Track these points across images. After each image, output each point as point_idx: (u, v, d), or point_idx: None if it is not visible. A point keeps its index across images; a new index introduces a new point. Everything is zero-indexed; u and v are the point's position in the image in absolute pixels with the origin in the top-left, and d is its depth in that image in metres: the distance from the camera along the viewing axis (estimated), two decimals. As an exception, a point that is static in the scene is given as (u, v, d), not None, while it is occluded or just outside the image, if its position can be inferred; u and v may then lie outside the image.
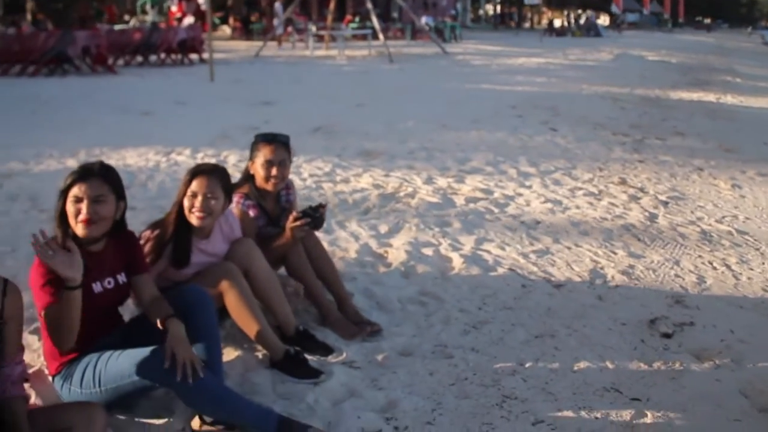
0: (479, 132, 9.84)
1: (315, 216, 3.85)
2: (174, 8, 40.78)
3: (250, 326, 3.46)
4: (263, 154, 3.89)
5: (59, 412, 2.66)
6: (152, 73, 19.44)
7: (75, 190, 2.90)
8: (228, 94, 13.75)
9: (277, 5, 30.37)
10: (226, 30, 39.24)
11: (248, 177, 3.99)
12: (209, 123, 10.38)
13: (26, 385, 2.82)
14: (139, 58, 22.49)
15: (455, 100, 13.03)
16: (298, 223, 3.80)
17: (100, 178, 2.93)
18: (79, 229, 2.90)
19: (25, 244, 5.27)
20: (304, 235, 3.91)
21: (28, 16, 36.65)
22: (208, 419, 2.95)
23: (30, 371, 3.22)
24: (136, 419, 3.08)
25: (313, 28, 28.28)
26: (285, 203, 4.15)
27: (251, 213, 3.93)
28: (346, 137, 9.20)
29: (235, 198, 3.89)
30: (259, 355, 3.60)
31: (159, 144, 8.67)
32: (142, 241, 3.40)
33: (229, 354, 3.52)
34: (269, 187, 3.93)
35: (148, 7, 42.36)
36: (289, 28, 30.66)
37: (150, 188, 6.69)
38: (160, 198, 6.09)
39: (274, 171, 3.88)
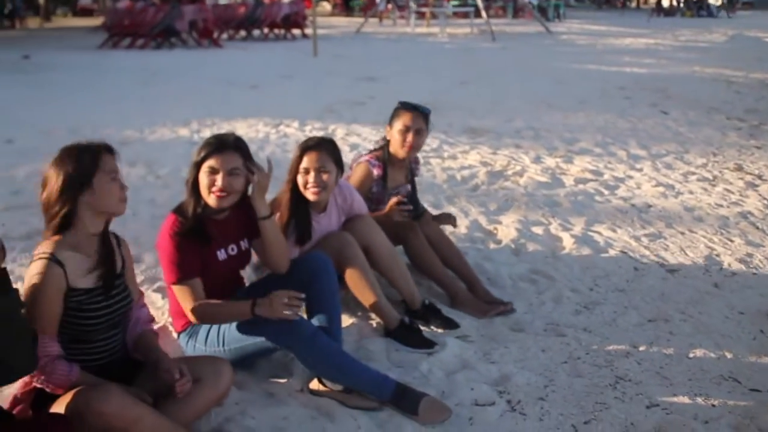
0: (587, 113, 9.67)
1: (417, 208, 3.98)
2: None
3: (365, 295, 3.53)
4: (402, 121, 3.98)
5: (190, 363, 2.79)
6: (256, 47, 19.86)
7: (211, 162, 2.97)
8: (332, 68, 13.92)
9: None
10: (326, 6, 39.59)
11: (385, 142, 4.07)
12: (315, 96, 10.55)
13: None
14: (243, 33, 22.98)
15: (560, 80, 12.81)
16: (401, 207, 3.84)
17: (235, 151, 3.01)
18: (212, 200, 2.99)
19: (145, 208, 5.53)
20: (401, 220, 3.92)
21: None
22: (326, 382, 3.04)
23: (156, 327, 3.37)
24: (257, 378, 3.20)
25: (414, 5, 28.23)
26: (410, 178, 4.22)
27: (375, 171, 3.99)
28: (451, 114, 9.19)
29: (367, 156, 4.01)
30: (374, 323, 3.67)
31: (267, 116, 8.87)
32: None
33: (345, 321, 3.59)
34: (402, 152, 4.00)
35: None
36: (390, 5, 30.69)
37: (261, 158, 6.83)
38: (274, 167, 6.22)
39: (409, 137, 3.96)
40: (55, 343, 2.51)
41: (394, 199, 3.85)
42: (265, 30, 22.71)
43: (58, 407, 2.41)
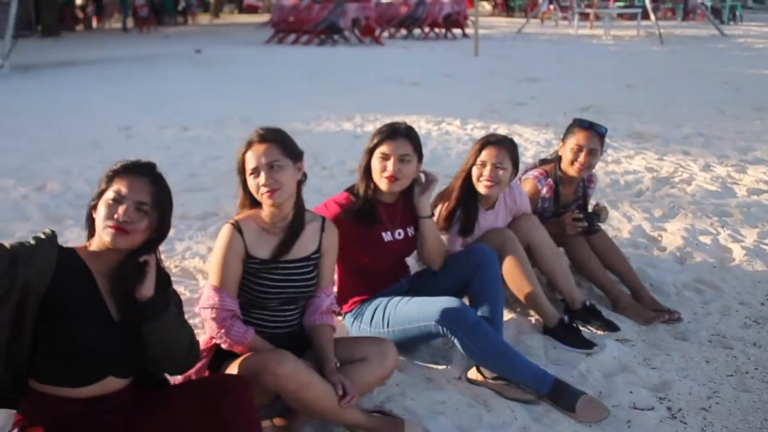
0: (763, 120, 9.14)
1: (593, 225, 3.91)
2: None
3: (525, 292, 3.55)
4: (576, 139, 3.90)
5: (357, 343, 2.93)
6: (417, 45, 20.12)
7: (383, 148, 3.12)
8: (493, 68, 13.91)
9: (542, -18, 30.02)
10: (486, 6, 39.44)
11: (557, 158, 4.04)
12: (476, 96, 10.60)
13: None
14: (404, 31, 23.32)
15: (735, 86, 12.17)
16: (575, 224, 3.88)
17: (406, 139, 3.14)
18: (383, 184, 3.14)
19: (312, 197, 5.72)
20: (573, 234, 3.94)
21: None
22: (485, 371, 3.10)
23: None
24: (417, 363, 3.30)
25: (578, 6, 27.64)
26: (580, 194, 4.16)
27: (543, 191, 3.99)
28: (615, 118, 8.97)
29: (536, 172, 4.00)
30: (533, 320, 3.70)
31: (429, 113, 9.01)
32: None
33: (504, 316, 3.60)
34: (573, 171, 3.94)
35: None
36: (552, 6, 30.20)
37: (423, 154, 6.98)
38: (432, 164, 6.33)
39: (581, 157, 3.88)
40: (235, 301, 2.72)
41: (569, 214, 3.91)
42: (426, 29, 22.95)
43: (233, 369, 2.62)
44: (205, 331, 2.80)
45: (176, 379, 2.71)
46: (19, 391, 2.31)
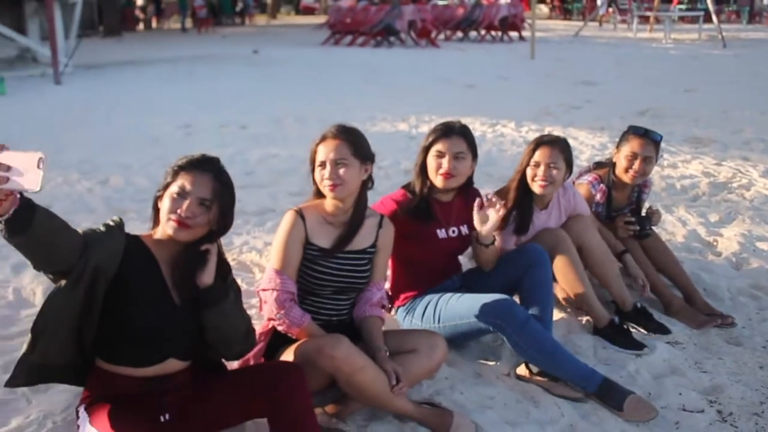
0: (830, 128, 8.93)
1: (644, 228, 3.93)
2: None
3: (576, 292, 3.56)
4: (630, 146, 3.89)
5: (407, 335, 3.01)
6: (473, 48, 20.11)
7: (438, 146, 3.20)
8: (549, 71, 13.84)
9: (601, -16, 29.69)
10: (543, 9, 39.13)
11: (611, 163, 4.04)
12: (531, 98, 10.58)
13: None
14: (460, 34, 23.32)
15: (801, 92, 11.89)
16: (627, 227, 3.90)
17: (461, 137, 3.22)
18: (438, 181, 3.21)
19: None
20: (625, 237, 3.95)
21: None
22: (533, 368, 3.13)
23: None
24: (466, 359, 3.35)
25: (637, 9, 27.27)
26: (634, 199, 4.16)
27: (597, 196, 4.00)
28: (673, 122, 8.86)
29: (590, 177, 4.01)
30: (583, 321, 3.71)
31: (484, 115, 9.03)
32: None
33: (554, 316, 3.61)
34: (627, 178, 3.94)
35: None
36: (611, 9, 29.85)
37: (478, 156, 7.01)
38: (486, 165, 6.37)
39: (636, 165, 3.87)
40: (294, 285, 2.83)
41: (622, 218, 3.93)
42: (482, 32, 22.90)
43: (288, 354, 2.71)
44: (264, 315, 2.91)
45: (233, 365, 2.81)
46: (87, 369, 2.43)
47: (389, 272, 3.46)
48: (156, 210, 2.48)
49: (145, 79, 13.75)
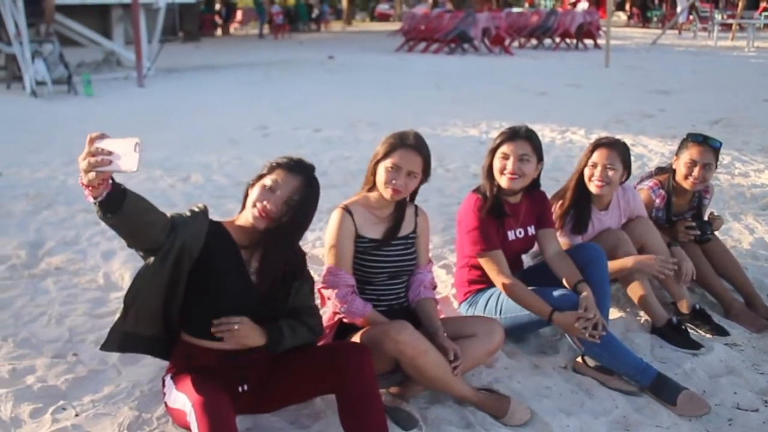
0: None
1: (705, 233, 3.98)
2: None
3: (635, 290, 3.67)
4: (689, 153, 3.94)
5: (466, 321, 3.20)
6: (547, 55, 20.04)
7: (504, 148, 3.35)
8: (623, 79, 13.75)
9: (681, -8, 29.10)
10: (621, 16, 38.61)
11: (671, 169, 4.10)
12: (603, 106, 10.56)
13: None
14: (534, 41, 23.24)
15: None
16: (687, 231, 3.97)
17: (526, 140, 3.35)
18: (504, 182, 3.36)
19: (434, 197, 6.04)
20: (686, 241, 4.00)
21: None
22: (590, 361, 3.25)
23: (439, 297, 3.77)
24: (525, 351, 3.50)
25: (719, 17, 26.67)
26: (694, 204, 4.21)
27: (657, 201, 4.07)
28: (748, 131, 8.76)
29: (651, 183, 4.10)
30: (641, 320, 3.80)
31: (554, 122, 9.09)
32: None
33: (612, 314, 3.75)
34: (687, 185, 3.99)
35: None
36: (692, 17, 29.28)
37: (546, 161, 7.08)
38: (554, 170, 6.45)
39: (695, 172, 3.92)
40: (351, 277, 3.03)
41: (683, 223, 4.00)
42: (557, 39, 22.79)
43: (356, 340, 2.90)
44: (326, 310, 3.11)
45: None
46: (172, 343, 2.68)
47: (455, 269, 3.64)
48: (245, 197, 2.71)
49: (224, 83, 14.20)
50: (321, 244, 4.92)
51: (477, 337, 3.01)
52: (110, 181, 2.17)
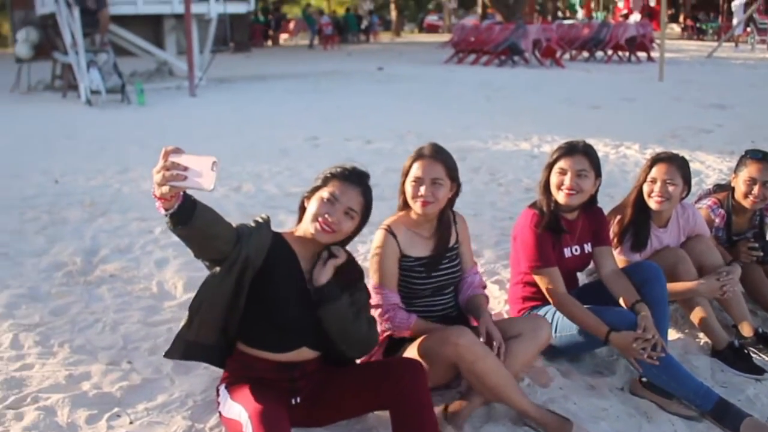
0: None
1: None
2: (620, 4, 40.60)
3: (695, 311, 3.58)
4: (749, 171, 3.85)
5: (511, 322, 3.20)
6: (598, 68, 19.79)
7: (561, 163, 3.29)
8: (677, 93, 13.50)
9: (737, 3, 28.46)
10: (675, 29, 38.05)
11: (730, 187, 4.01)
12: (658, 121, 10.39)
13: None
14: (585, 54, 22.99)
15: None
16: (750, 252, 3.87)
17: (584, 155, 3.29)
18: (561, 198, 3.30)
19: (487, 210, 5.99)
20: (747, 261, 3.90)
21: (479, 10, 39.65)
22: (648, 384, 3.16)
23: (493, 313, 3.72)
24: (581, 371, 3.42)
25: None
26: (756, 223, 4.11)
27: (717, 220, 3.97)
28: (808, 148, 8.51)
29: (709, 201, 4.01)
30: (701, 341, 3.69)
31: (607, 137, 8.96)
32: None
33: (671, 335, 3.65)
34: (747, 204, 3.89)
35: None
36: (749, 29, 28.69)
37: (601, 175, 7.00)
38: (609, 186, 6.33)
39: (755, 190, 3.82)
40: (395, 295, 3.04)
41: (744, 242, 3.90)
42: (609, 52, 22.52)
43: (412, 349, 2.90)
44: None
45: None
46: (228, 352, 2.69)
47: (508, 285, 3.60)
48: (301, 210, 2.71)
49: (274, 93, 14.32)
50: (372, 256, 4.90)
51: (522, 336, 2.99)
52: (181, 193, 2.18)
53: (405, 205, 3.12)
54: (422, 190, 2.99)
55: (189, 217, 2.26)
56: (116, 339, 3.72)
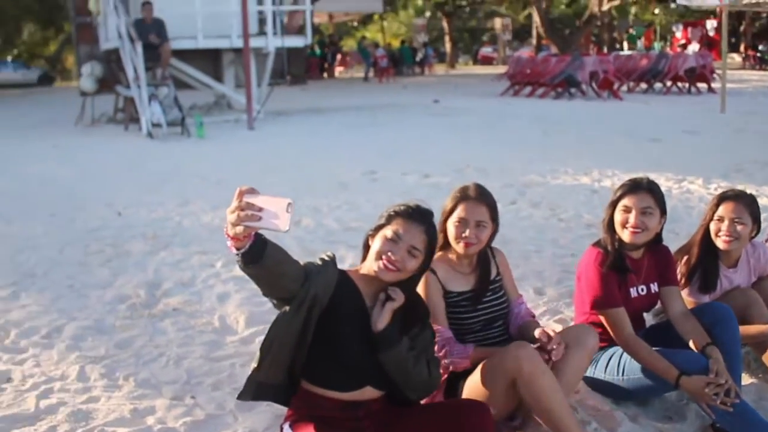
0: None
1: None
2: (678, 34, 40.12)
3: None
4: None
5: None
6: (657, 100, 19.54)
7: (625, 201, 3.25)
8: (741, 125, 13.23)
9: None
10: (735, 58, 37.42)
11: None
12: (721, 154, 10.18)
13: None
14: (643, 85, 22.72)
15: None
16: None
17: (648, 192, 3.24)
18: (626, 236, 3.24)
19: (548, 247, 5.92)
20: None
21: (533, 41, 39.60)
22: (720, 429, 3.06)
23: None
24: (649, 416, 3.32)
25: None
26: None
27: None
28: None
29: None
30: (775, 386, 3.57)
31: (669, 171, 8.80)
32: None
33: (744, 380, 3.53)
34: None
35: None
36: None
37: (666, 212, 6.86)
38: (672, 222, 6.20)
39: None
40: (448, 330, 3.05)
41: None
42: (668, 83, 22.22)
43: (473, 379, 2.89)
44: None
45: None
46: (293, 390, 2.69)
47: (572, 324, 3.55)
48: (366, 248, 2.71)
49: (331, 126, 14.45)
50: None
51: (569, 346, 2.93)
52: (253, 233, 2.21)
53: (446, 244, 3.12)
54: (467, 232, 3.01)
55: (260, 257, 2.28)
56: (180, 373, 3.76)
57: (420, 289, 2.99)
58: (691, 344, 3.19)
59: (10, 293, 5.05)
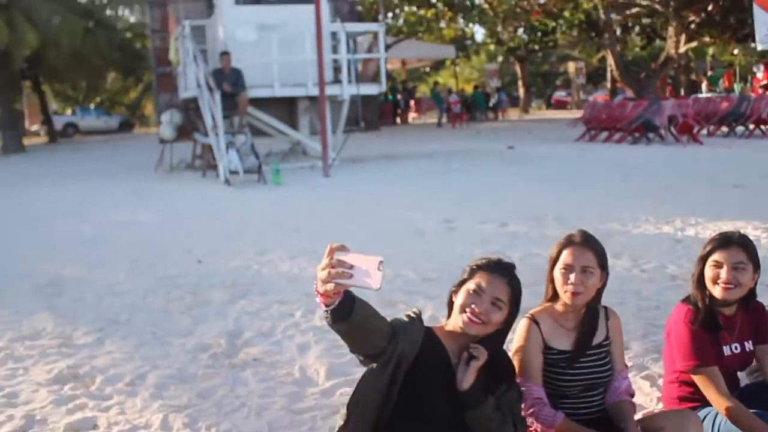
0: None
1: None
2: (759, 75, 39.10)
3: None
4: None
5: (656, 415, 3.07)
6: (740, 144, 19.06)
7: (716, 256, 3.15)
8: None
9: None
10: (823, 100, 36.18)
11: None
12: (812, 200, 9.83)
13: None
14: (724, 129, 22.18)
15: None
16: None
17: (740, 247, 3.14)
18: (717, 292, 3.14)
19: (631, 299, 5.75)
20: None
21: (608, 85, 39.18)
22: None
23: (645, 412, 3.53)
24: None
25: None
26: None
27: None
28: None
29: None
30: None
31: (756, 219, 8.50)
32: None
33: None
34: None
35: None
36: None
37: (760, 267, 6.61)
38: (764, 274, 5.98)
39: None
40: (540, 389, 2.93)
41: None
42: (750, 126, 21.64)
43: None
44: None
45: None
46: None
47: (660, 381, 3.43)
48: (450, 304, 2.69)
49: (405, 173, 14.51)
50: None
51: (665, 429, 2.81)
52: (342, 290, 2.22)
53: (554, 296, 3.04)
54: (572, 278, 2.92)
55: (349, 313, 2.28)
56: (261, 425, 3.76)
57: (520, 339, 2.95)
58: None
59: (95, 339, 5.18)
